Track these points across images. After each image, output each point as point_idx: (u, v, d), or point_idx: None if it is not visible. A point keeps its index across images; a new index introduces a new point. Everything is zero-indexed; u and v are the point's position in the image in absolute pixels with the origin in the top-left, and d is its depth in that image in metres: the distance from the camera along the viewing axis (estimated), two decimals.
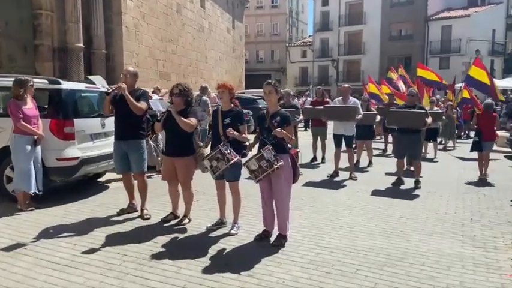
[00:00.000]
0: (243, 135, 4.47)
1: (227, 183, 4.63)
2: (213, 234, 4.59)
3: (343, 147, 8.00)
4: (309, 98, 15.00)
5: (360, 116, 7.66)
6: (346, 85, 8.12)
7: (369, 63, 36.88)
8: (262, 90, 4.35)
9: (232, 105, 4.59)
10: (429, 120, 7.08)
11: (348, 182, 7.65)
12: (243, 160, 4.34)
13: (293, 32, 48.43)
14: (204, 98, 9.42)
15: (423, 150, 10.79)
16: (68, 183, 6.81)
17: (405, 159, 7.73)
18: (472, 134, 17.49)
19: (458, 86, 15.30)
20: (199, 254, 3.98)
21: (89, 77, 5.45)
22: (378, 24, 37.37)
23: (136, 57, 17.87)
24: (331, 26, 40.60)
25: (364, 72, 35.06)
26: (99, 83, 5.09)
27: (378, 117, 9.32)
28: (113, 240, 4.34)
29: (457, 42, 34.57)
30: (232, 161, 4.24)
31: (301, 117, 8.21)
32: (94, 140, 6.12)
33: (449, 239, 4.60)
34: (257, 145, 4.44)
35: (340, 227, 4.94)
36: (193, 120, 4.60)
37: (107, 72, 16.39)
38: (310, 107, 9.65)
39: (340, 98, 8.11)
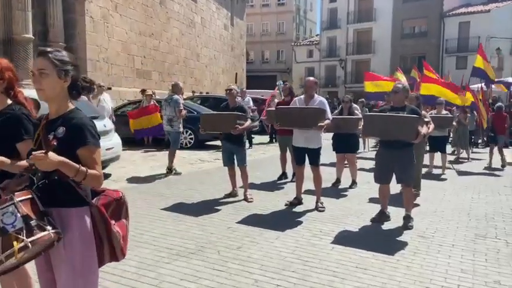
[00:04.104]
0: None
1: None
2: None
3: (308, 164, 5.73)
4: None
5: (327, 122, 5.34)
6: (311, 78, 5.80)
7: (379, 63, 34.23)
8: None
9: (10, 102, 2.36)
10: (425, 129, 4.77)
11: (309, 216, 5.35)
12: None
13: (301, 31, 46.14)
14: (176, 96, 8.10)
15: (428, 164, 8.60)
16: None
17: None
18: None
19: (475, 86, 13.21)
20: None
21: None
22: (389, 21, 34.78)
23: (105, 52, 15.76)
24: (339, 23, 38.06)
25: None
26: None
27: (362, 124, 6.99)
28: None
29: (475, 40, 31.71)
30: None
31: (247, 123, 5.88)
32: None
33: None
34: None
35: None
36: None
37: None
38: (273, 109, 7.36)
39: (302, 96, 5.81)
